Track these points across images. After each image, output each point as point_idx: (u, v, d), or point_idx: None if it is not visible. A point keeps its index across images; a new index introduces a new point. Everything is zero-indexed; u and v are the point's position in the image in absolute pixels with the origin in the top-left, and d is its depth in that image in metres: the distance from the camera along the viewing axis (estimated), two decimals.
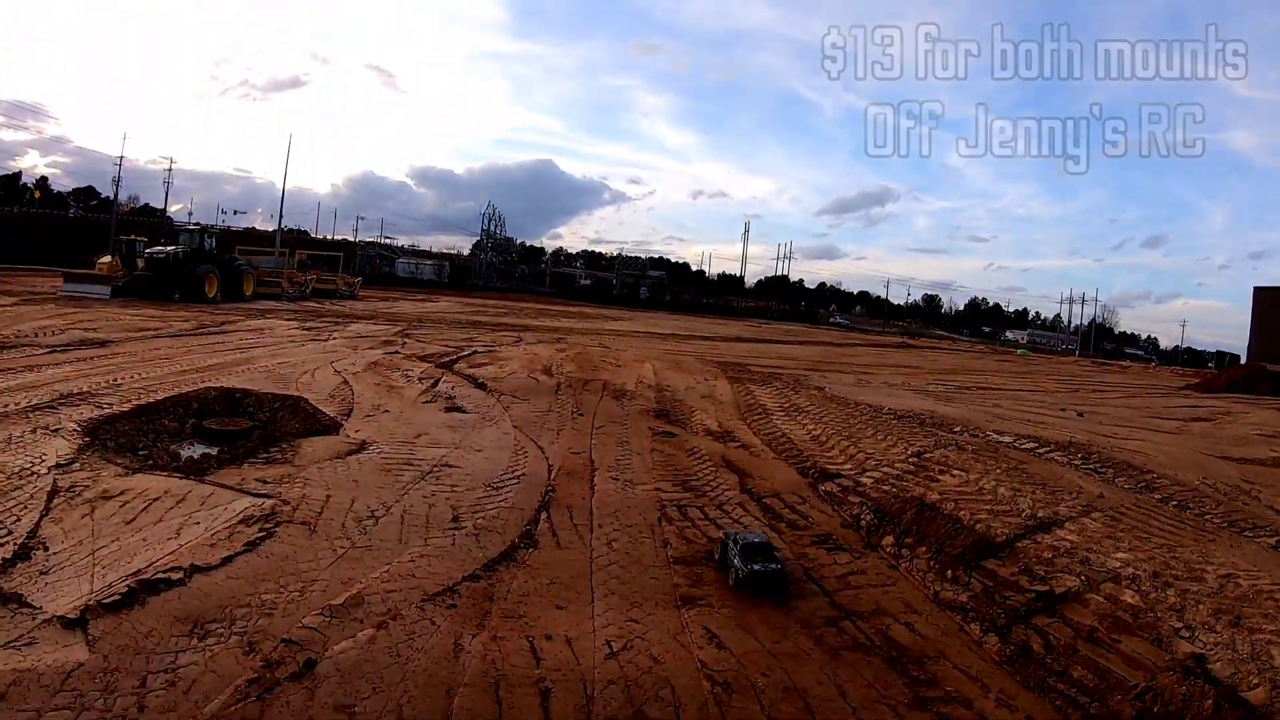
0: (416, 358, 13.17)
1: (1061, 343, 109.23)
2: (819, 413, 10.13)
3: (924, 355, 35.02)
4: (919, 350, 41.27)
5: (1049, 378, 26.83)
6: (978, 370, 27.11)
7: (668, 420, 9.10)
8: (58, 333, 14.23)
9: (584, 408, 9.34)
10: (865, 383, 16.08)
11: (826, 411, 10.28)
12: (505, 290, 78.02)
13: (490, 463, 6.57)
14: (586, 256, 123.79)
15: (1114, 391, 22.64)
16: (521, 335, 20.96)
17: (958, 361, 32.46)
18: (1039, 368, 34.71)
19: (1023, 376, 25.91)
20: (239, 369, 10.79)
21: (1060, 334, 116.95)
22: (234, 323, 18.78)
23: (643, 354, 16.16)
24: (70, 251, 37.35)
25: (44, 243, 51.51)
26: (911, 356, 32.71)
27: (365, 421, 8.00)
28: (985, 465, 7.48)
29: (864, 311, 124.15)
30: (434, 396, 9.51)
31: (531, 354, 14.05)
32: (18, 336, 13.37)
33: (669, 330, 34.02)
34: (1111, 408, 16.14)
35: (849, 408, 10.67)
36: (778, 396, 11.31)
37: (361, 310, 28.87)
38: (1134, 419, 13.96)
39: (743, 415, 9.89)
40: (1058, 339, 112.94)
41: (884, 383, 16.63)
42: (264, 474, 5.87)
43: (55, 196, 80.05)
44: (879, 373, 20.23)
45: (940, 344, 64.09)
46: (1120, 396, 20.59)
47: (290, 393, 9.22)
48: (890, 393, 13.59)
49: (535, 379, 10.99)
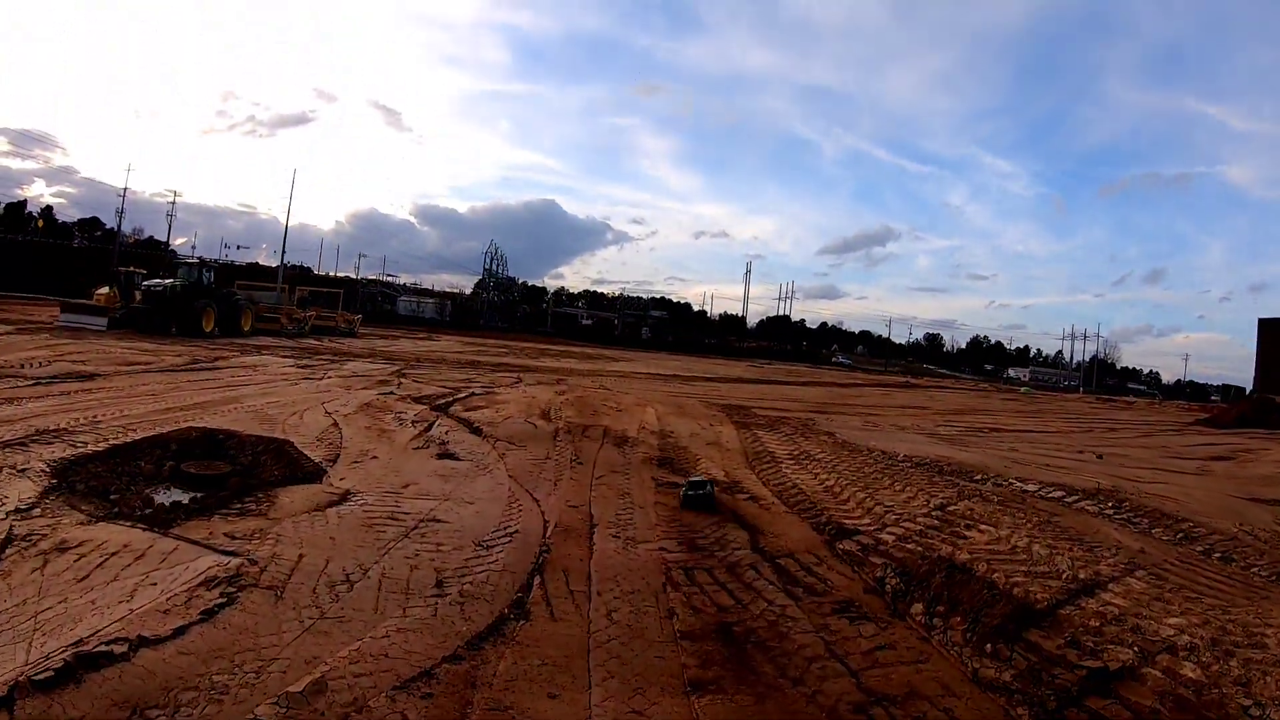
0: (411, 399, 12.72)
1: (1063, 379, 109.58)
2: (831, 460, 9.65)
3: (929, 395, 34.58)
4: (923, 390, 40.88)
5: (1057, 416, 26.42)
6: (985, 410, 26.65)
7: (672, 469, 8.61)
8: (45, 364, 13.86)
9: (583, 456, 8.84)
10: (873, 425, 15.62)
11: (839, 459, 9.80)
12: (507, 330, 77.98)
13: (481, 517, 6.07)
14: (588, 296, 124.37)
15: (1126, 430, 22.23)
16: (521, 376, 20.51)
17: (963, 401, 32.00)
18: (1045, 406, 34.28)
19: (1031, 416, 25.47)
20: (226, 408, 10.36)
21: (1062, 371, 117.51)
22: (227, 359, 18.38)
23: (645, 397, 15.66)
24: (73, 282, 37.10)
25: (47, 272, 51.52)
26: (917, 396, 32.27)
27: (351, 468, 7.53)
28: (1014, 519, 7.01)
29: (866, 351, 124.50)
30: (426, 442, 9.03)
31: (530, 397, 13.58)
32: (3, 367, 12.99)
33: (671, 371, 33.60)
34: (1128, 448, 15.73)
35: (862, 455, 10.20)
36: (786, 443, 10.83)
37: (360, 348, 28.50)
38: (1154, 460, 13.55)
39: (750, 464, 9.40)
40: (1059, 376, 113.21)
41: (892, 425, 16.18)
42: (235, 528, 5.38)
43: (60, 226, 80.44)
44: (886, 414, 19.79)
45: (944, 383, 63.84)
46: (1134, 435, 20.16)
47: (276, 435, 8.77)
48: (902, 437, 13.11)
49: (533, 424, 10.50)
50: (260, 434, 8.72)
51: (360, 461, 7.84)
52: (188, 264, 29.26)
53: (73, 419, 8.80)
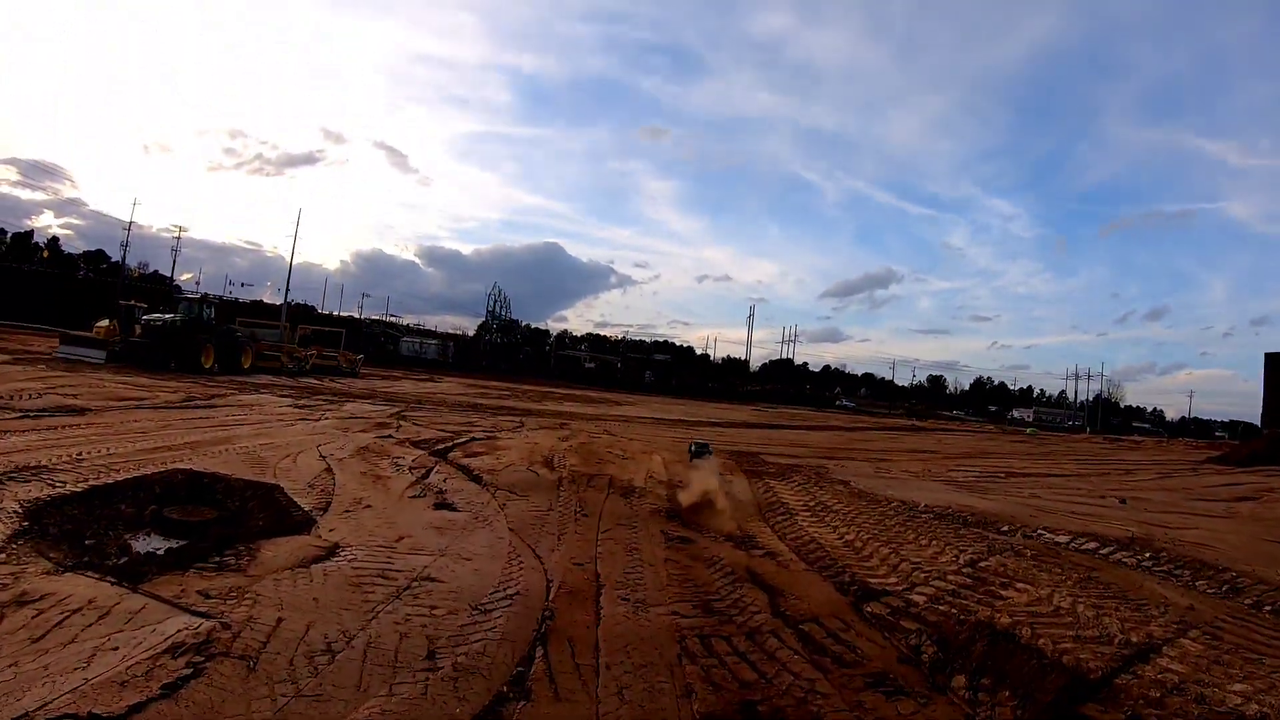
0: (410, 443, 12.29)
1: (1067, 419, 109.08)
2: (849, 512, 9.17)
3: (937, 438, 34.05)
4: (930, 433, 40.35)
5: (1068, 458, 25.95)
6: (995, 453, 26.15)
7: (682, 523, 8.14)
8: (35, 396, 13.55)
9: (588, 507, 8.38)
10: (884, 471, 15.18)
11: (856, 510, 9.33)
12: (509, 372, 77.58)
13: (479, 576, 5.60)
14: (591, 339, 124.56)
15: (1141, 471, 21.75)
16: (523, 421, 20.08)
17: (972, 444, 31.49)
18: (1054, 447, 33.78)
19: (1042, 458, 24.98)
20: (217, 449, 9.95)
21: (1066, 410, 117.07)
22: (224, 396, 18.01)
23: (650, 444, 15.21)
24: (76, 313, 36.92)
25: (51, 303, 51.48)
26: (925, 440, 31.77)
27: (343, 518, 7.08)
28: (1052, 575, 6.56)
29: (869, 394, 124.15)
30: (423, 490, 8.57)
31: (532, 443, 13.13)
32: None
33: (676, 416, 33.15)
34: (1149, 491, 15.31)
35: (880, 505, 9.72)
36: (800, 493, 10.36)
37: (361, 389, 28.13)
38: (1178, 503, 13.15)
39: (764, 516, 8.93)
40: (1063, 416, 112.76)
41: (905, 471, 15.71)
42: (210, 585, 4.94)
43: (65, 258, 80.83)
44: (896, 459, 19.32)
45: (949, 425, 63.29)
46: (1151, 477, 19.67)
47: (266, 480, 8.36)
48: (918, 485, 12.63)
49: (535, 472, 10.05)
50: (249, 478, 8.31)
51: (352, 511, 7.39)
52: (188, 299, 29.04)
53: (55, 456, 8.42)
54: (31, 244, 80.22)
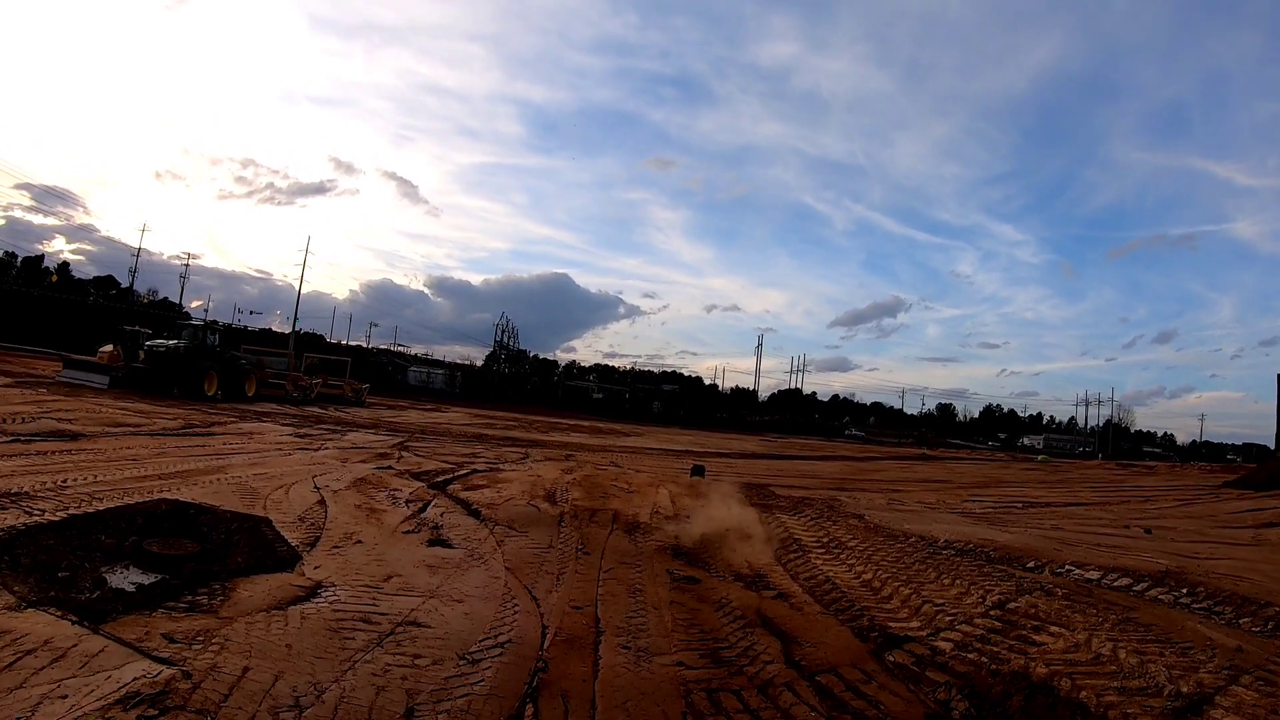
0: (409, 475, 11.91)
1: (1078, 445, 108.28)
2: (864, 549, 8.73)
3: (948, 467, 33.46)
4: (941, 462, 39.74)
5: (1083, 485, 25.41)
6: (1009, 481, 25.58)
7: (688, 561, 7.70)
8: (29, 420, 13.26)
9: (590, 544, 7.94)
10: (898, 503, 14.73)
11: (872, 546, 8.88)
12: (517, 403, 77.32)
13: (470, 620, 5.19)
14: (599, 370, 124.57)
15: (1161, 498, 21.18)
16: (528, 452, 19.68)
17: (985, 472, 30.88)
18: (1068, 475, 33.18)
19: (1057, 486, 24.43)
20: (209, 478, 9.63)
21: (1076, 437, 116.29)
22: (224, 424, 17.69)
23: (657, 476, 14.75)
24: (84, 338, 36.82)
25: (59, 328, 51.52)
26: (937, 469, 31.21)
27: (330, 555, 6.69)
28: (1087, 617, 6.15)
29: (878, 422, 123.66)
30: (418, 525, 8.17)
31: (535, 476, 12.71)
32: None
33: (683, 447, 32.71)
34: (1172, 519, 14.87)
35: (898, 541, 9.29)
36: (813, 528, 9.90)
37: (365, 418, 27.80)
38: (1204, 531, 12.75)
39: (776, 553, 8.45)
40: (1074, 442, 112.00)
41: (918, 502, 15.26)
42: (177, 627, 4.56)
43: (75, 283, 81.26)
44: (909, 489, 18.85)
45: (959, 454, 62.64)
46: (1172, 504, 19.10)
47: (255, 512, 8.00)
48: (934, 517, 12.17)
49: (536, 507, 9.63)
50: (237, 510, 7.96)
51: (341, 546, 7.00)
52: (192, 325, 28.80)
53: (39, 482, 8.14)
54: (42, 268, 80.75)
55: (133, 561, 6.27)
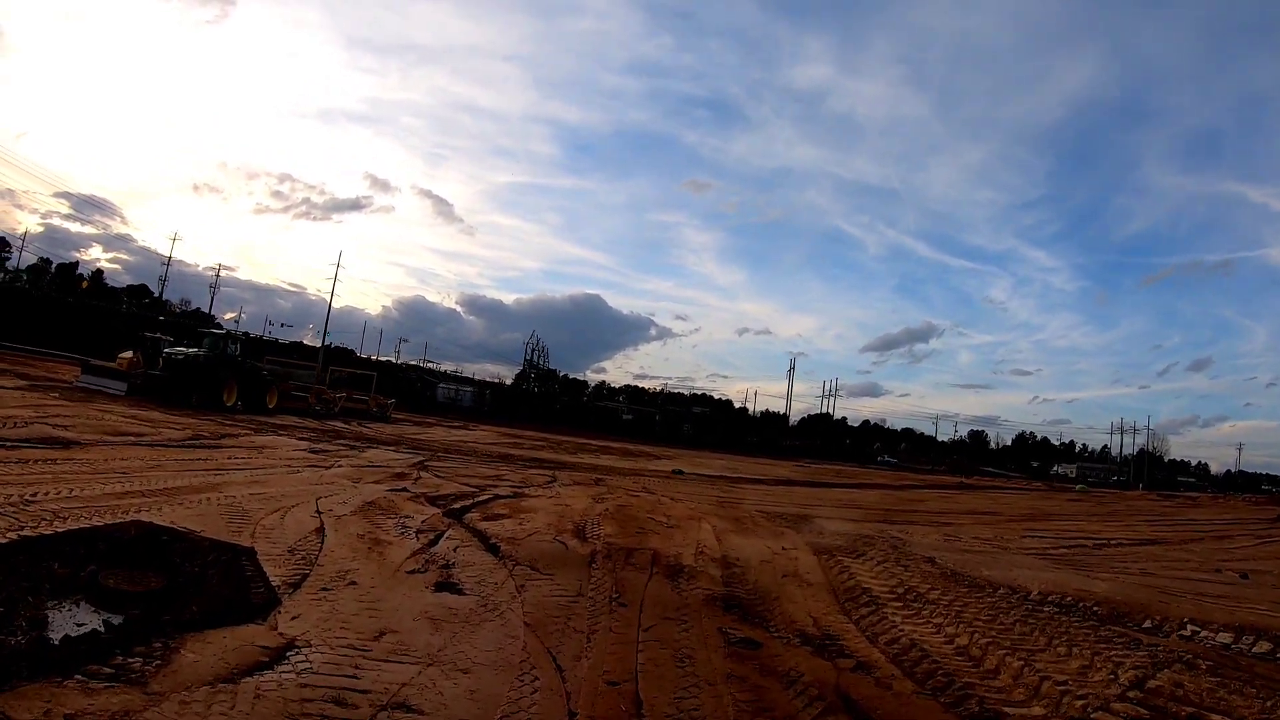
0: (425, 499, 10.79)
1: (1112, 474, 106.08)
2: (948, 601, 7.43)
3: (992, 498, 31.76)
4: (982, 491, 37.97)
5: (1136, 519, 23.87)
6: (1057, 514, 23.97)
7: (743, 616, 6.43)
8: (20, 425, 12.37)
9: (627, 593, 6.68)
10: (953, 538, 13.42)
11: (955, 598, 7.59)
12: (546, 422, 76.43)
13: (476, 703, 3.99)
14: (630, 391, 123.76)
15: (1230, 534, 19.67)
16: (556, 474, 18.48)
17: (1030, 504, 29.18)
18: (1115, 506, 31.48)
19: (1110, 520, 22.83)
20: (200, 497, 8.63)
21: (1110, 465, 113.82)
22: (235, 436, 16.74)
23: (696, 507, 13.46)
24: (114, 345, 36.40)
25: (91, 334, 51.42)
26: (980, 499, 29.58)
27: (316, 600, 5.56)
28: (1248, 700, 5.07)
29: (909, 449, 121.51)
30: (426, 563, 6.99)
31: (563, 505, 11.51)
32: None
33: (717, 472, 31.40)
34: (1260, 560, 13.61)
35: (982, 591, 7.98)
36: (881, 573, 8.59)
37: (388, 434, 26.83)
38: None
39: (844, 606, 7.18)
40: (1107, 471, 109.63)
41: (975, 538, 13.91)
42: (89, 704, 3.46)
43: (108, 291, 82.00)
44: (959, 523, 17.45)
45: (997, 482, 60.64)
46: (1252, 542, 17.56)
47: (239, 540, 6.95)
48: (1008, 560, 10.73)
49: (564, 543, 8.42)
50: (219, 538, 6.91)
51: (331, 588, 5.87)
52: (213, 334, 28.03)
53: (4, 494, 7.21)
54: (75, 276, 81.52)
55: (86, 597, 5.19)
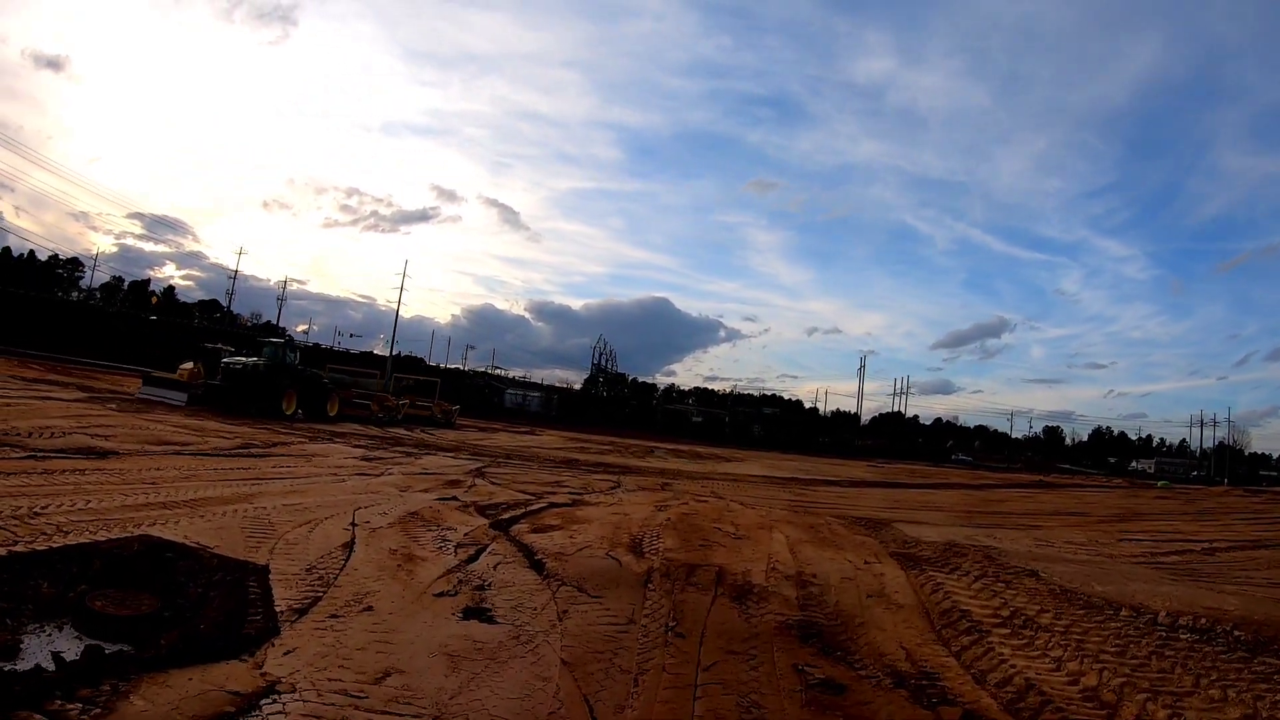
0: (475, 509, 10.01)
1: (1191, 469, 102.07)
2: (1062, 625, 6.23)
3: (1076, 496, 29.72)
4: (1064, 490, 35.81)
5: (1231, 517, 21.80)
6: (1148, 513, 22.06)
7: (822, 648, 5.40)
8: (58, 435, 11.97)
9: (686, 619, 5.69)
10: (1045, 543, 12.12)
11: (1070, 621, 6.37)
12: (615, 426, 75.97)
13: None
14: (699, 393, 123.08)
15: None
16: (620, 479, 17.60)
17: (1116, 502, 27.12)
18: (1205, 503, 29.15)
19: (1207, 520, 20.90)
20: (226, 509, 7.96)
21: (1189, 460, 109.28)
22: (288, 444, 16.27)
23: (767, 514, 12.34)
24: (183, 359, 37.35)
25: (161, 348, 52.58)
26: (1064, 499, 27.68)
27: (320, 630, 4.76)
28: None
29: (983, 446, 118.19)
30: (458, 583, 6.13)
31: (622, 514, 10.56)
32: (8, 434, 11.18)
33: (788, 474, 30.19)
34: None
35: (1100, 613, 6.69)
36: (980, 591, 7.42)
37: (450, 440, 26.33)
38: None
39: (940, 633, 6.09)
40: (1186, 465, 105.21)
41: (1068, 543, 12.55)
42: None
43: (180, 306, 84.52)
44: (1047, 525, 16.02)
45: (1075, 479, 57.86)
46: None
47: (254, 558, 6.23)
48: (1119, 571, 9.29)
49: (617, 559, 7.44)
50: (232, 555, 6.19)
51: (342, 615, 5.07)
52: (272, 343, 27.93)
53: (14, 506, 6.65)
54: (148, 293, 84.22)
55: (72, 620, 4.54)
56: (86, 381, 29.52)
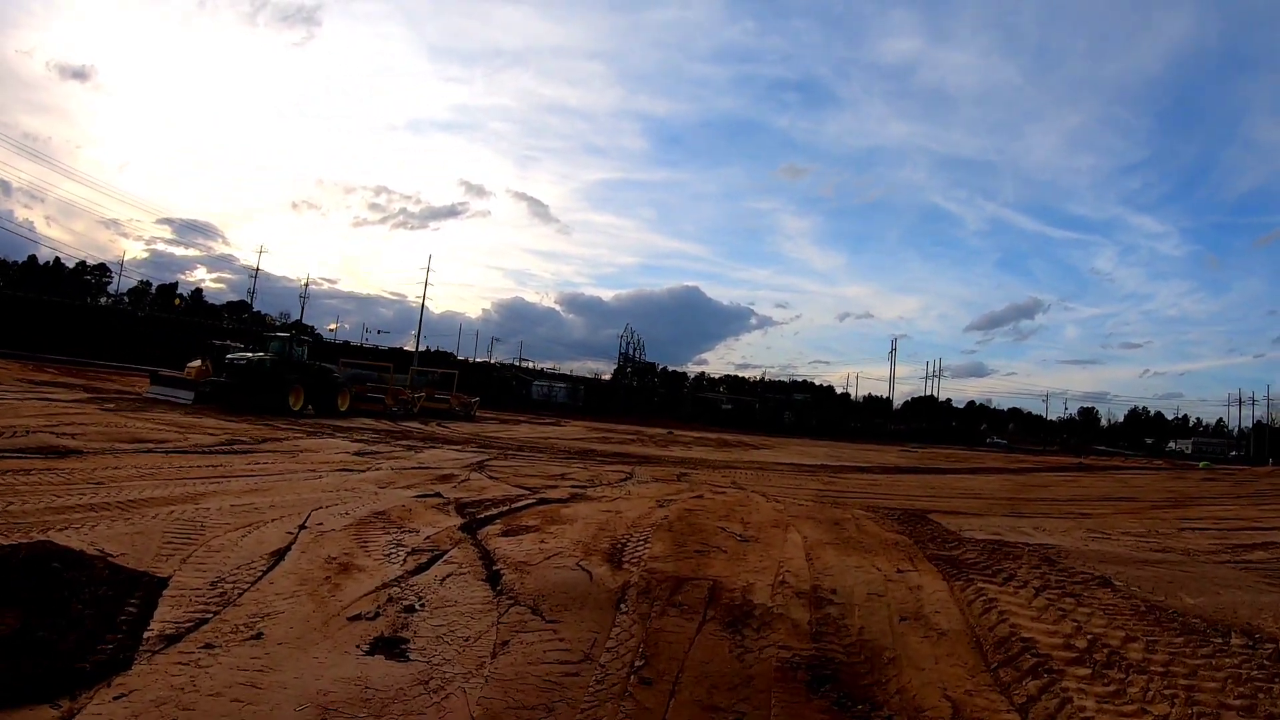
0: (455, 507, 8.89)
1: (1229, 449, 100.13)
2: (1159, 661, 4.79)
3: (1120, 480, 27.93)
4: (1105, 472, 33.94)
5: None
6: (1199, 498, 20.36)
7: (840, 699, 4.09)
8: (20, 435, 11.23)
9: (658, 658, 4.36)
10: (1099, 534, 10.77)
11: (1168, 654, 4.91)
12: (644, 415, 74.89)
13: None
14: (729, 381, 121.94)
15: None
16: (634, 470, 16.37)
17: (1164, 485, 25.38)
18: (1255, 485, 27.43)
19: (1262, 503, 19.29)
20: (161, 511, 7.03)
21: (1227, 440, 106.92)
22: (280, 440, 15.34)
23: (786, 508, 10.98)
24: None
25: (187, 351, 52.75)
26: (1108, 482, 25.99)
27: (184, 663, 3.70)
28: None
29: (1017, 429, 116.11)
30: (385, 603, 4.92)
31: (615, 510, 9.26)
32: None
33: (818, 461, 28.84)
34: None
35: (1201, 640, 5.10)
36: (1043, 609, 5.90)
37: (464, 433, 25.36)
38: None
39: (997, 674, 4.62)
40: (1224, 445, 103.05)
41: (1123, 533, 11.14)
42: None
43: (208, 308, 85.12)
44: (1097, 512, 14.59)
45: (1114, 461, 55.79)
46: None
47: (159, 568, 5.22)
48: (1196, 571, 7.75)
49: (587, 570, 6.13)
50: (133, 565, 5.22)
51: (220, 645, 3.97)
52: (279, 337, 27.06)
53: None
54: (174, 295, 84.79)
55: None
56: (98, 384, 29.03)
